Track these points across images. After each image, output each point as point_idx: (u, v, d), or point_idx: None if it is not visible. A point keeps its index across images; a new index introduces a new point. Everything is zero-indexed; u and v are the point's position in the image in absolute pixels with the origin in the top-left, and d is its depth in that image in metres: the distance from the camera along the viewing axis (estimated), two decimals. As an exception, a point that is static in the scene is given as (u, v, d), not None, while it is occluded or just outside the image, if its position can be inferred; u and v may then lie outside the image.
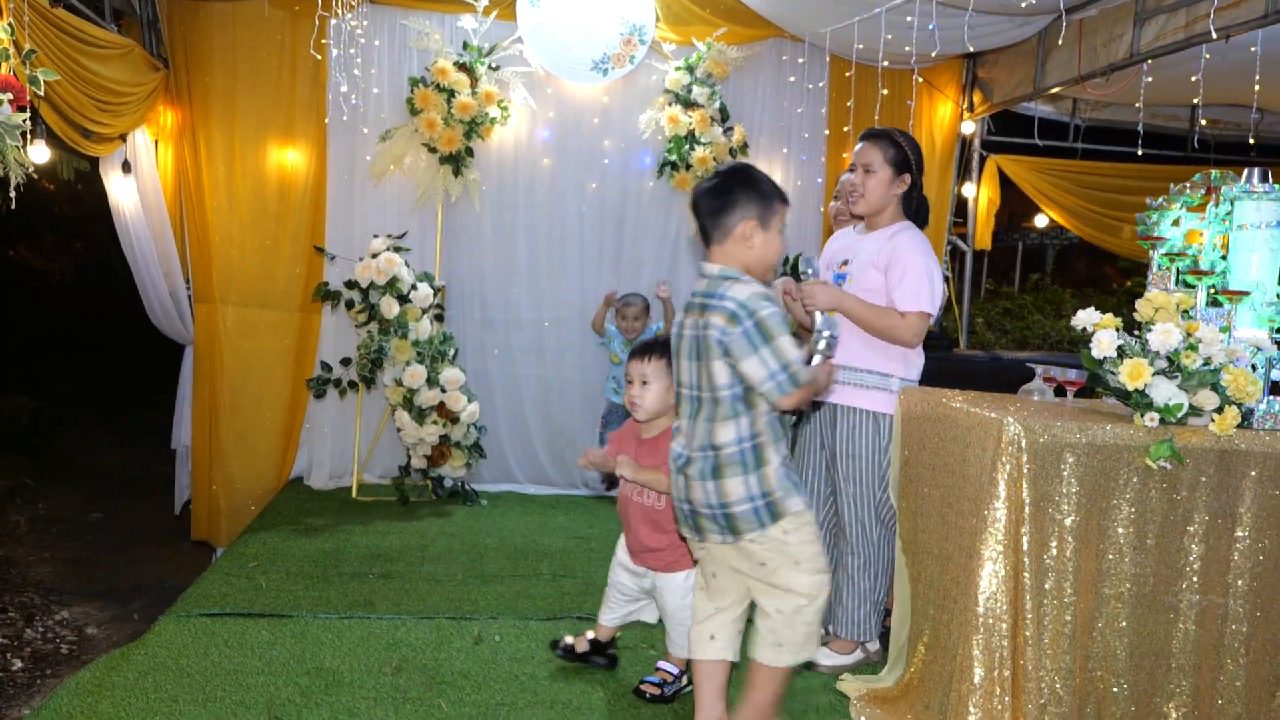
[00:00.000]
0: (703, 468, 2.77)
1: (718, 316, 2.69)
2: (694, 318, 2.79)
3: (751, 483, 2.74)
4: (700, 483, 2.78)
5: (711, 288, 2.77)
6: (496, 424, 6.20)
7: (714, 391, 2.74)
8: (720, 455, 2.75)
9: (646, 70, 6.12)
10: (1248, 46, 5.09)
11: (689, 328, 2.81)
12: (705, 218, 2.85)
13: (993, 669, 2.78)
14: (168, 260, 5.58)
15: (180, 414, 6.04)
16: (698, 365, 2.77)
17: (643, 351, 3.30)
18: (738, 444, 2.74)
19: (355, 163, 5.93)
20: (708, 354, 2.73)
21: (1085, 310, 3.03)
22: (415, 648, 3.71)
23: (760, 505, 2.74)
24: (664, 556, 3.32)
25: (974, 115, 6.94)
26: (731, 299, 2.70)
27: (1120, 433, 2.83)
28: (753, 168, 2.90)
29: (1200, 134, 7.44)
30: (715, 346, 2.70)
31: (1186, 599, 2.91)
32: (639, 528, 3.33)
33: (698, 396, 2.80)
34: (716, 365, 2.72)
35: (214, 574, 4.43)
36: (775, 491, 2.75)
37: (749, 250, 2.80)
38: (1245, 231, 3.17)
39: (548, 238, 6.20)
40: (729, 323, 2.67)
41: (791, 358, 2.66)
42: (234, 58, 5.68)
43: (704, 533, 2.84)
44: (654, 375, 3.26)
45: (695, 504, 2.81)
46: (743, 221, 2.79)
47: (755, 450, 2.74)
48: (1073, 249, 16.66)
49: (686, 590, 3.30)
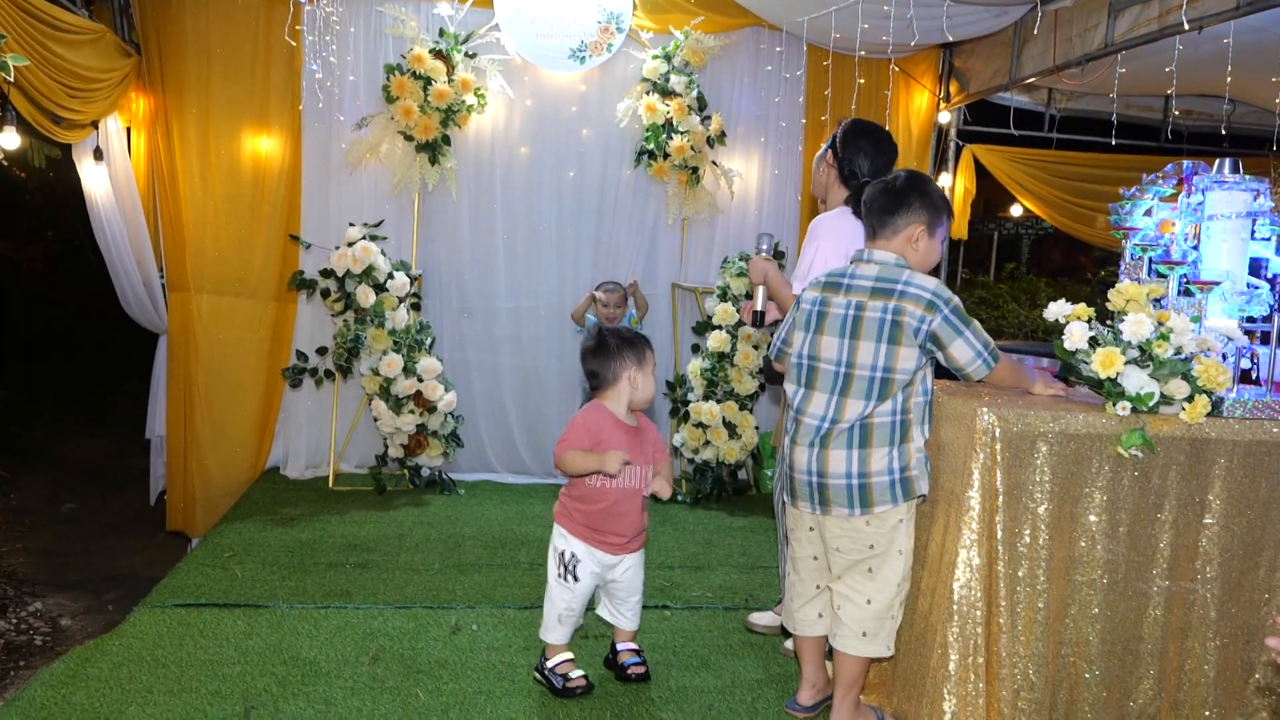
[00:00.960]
0: (849, 437, 2.89)
1: (913, 304, 2.83)
2: (852, 298, 2.93)
3: (894, 455, 2.89)
4: (843, 451, 2.90)
5: (888, 274, 2.92)
6: (474, 413, 6.19)
7: (891, 374, 2.85)
8: (872, 425, 2.87)
9: (624, 58, 6.11)
10: (1220, 38, 5.12)
11: (839, 306, 2.95)
12: (877, 213, 3.02)
13: (967, 656, 2.80)
14: (141, 248, 5.53)
15: (154, 404, 6.00)
16: (850, 343, 2.91)
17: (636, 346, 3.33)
18: (890, 415, 2.88)
19: (331, 150, 5.89)
20: (899, 340, 2.84)
21: (1057, 302, 3.05)
22: (392, 637, 3.71)
23: (896, 479, 2.89)
24: (643, 534, 3.39)
25: (950, 105, 6.97)
26: (921, 286, 2.86)
27: (1092, 421, 2.85)
28: (930, 179, 3.09)
29: (1174, 124, 7.48)
30: (909, 332, 2.83)
31: (1157, 585, 2.95)
32: (637, 515, 3.32)
33: (846, 373, 2.91)
34: (904, 351, 2.84)
35: (189, 564, 4.42)
36: (912, 469, 2.91)
37: (913, 252, 2.98)
38: (1216, 222, 3.21)
39: (525, 226, 6.19)
40: (928, 310, 2.82)
41: (988, 337, 2.86)
42: (207, 44, 5.62)
43: (829, 505, 2.94)
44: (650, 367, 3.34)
45: (827, 475, 2.92)
46: (913, 225, 2.98)
47: (904, 425, 2.90)
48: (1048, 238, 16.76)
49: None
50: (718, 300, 6.00)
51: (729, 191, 6.35)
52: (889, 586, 2.94)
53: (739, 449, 5.88)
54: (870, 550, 2.93)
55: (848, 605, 2.98)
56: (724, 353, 5.91)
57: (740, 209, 6.47)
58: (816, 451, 2.94)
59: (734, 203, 6.42)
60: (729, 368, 5.91)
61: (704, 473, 5.97)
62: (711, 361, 5.91)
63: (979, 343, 2.84)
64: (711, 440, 5.86)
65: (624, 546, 3.33)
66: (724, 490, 5.99)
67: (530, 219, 6.19)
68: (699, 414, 5.85)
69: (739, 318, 5.88)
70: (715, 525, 5.46)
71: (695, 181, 6.15)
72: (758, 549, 5.05)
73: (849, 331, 2.91)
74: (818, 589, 3.15)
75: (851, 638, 2.97)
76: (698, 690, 3.39)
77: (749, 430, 5.93)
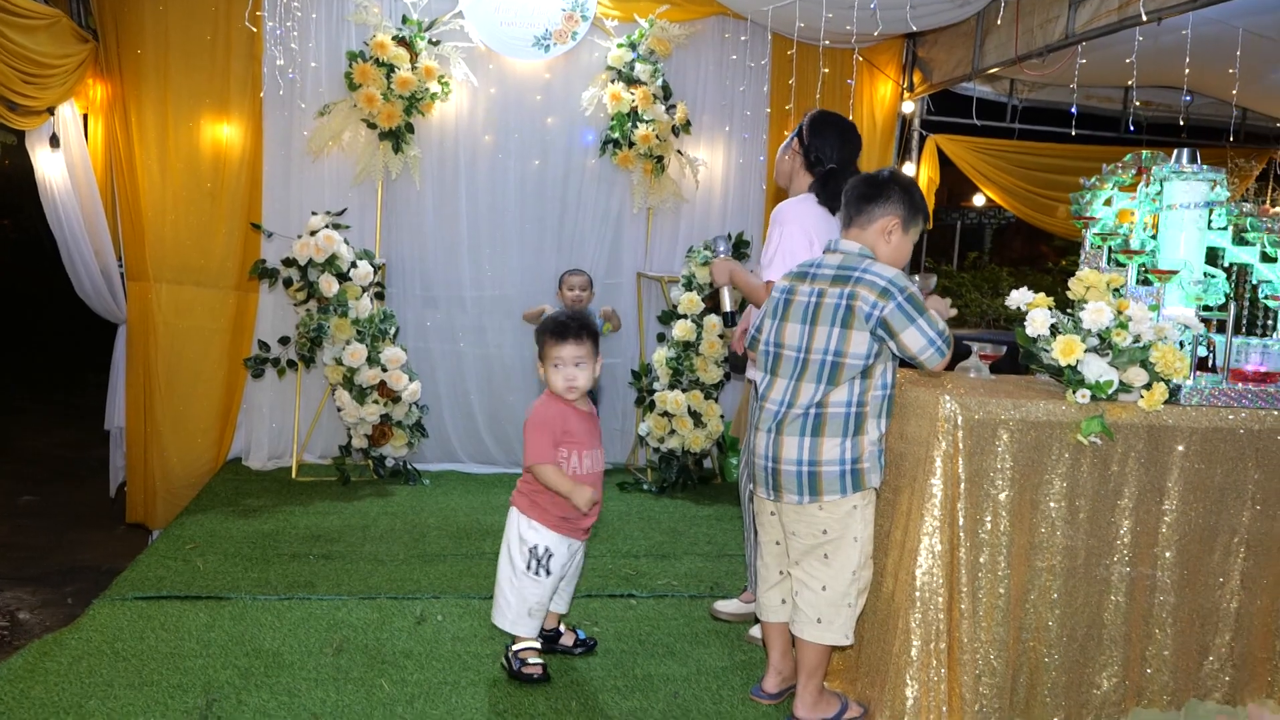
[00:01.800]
0: (803, 424, 2.91)
1: (867, 290, 2.85)
2: (816, 286, 2.96)
3: (846, 446, 2.89)
4: (795, 438, 2.92)
5: (849, 262, 2.95)
6: (439, 403, 6.17)
7: (842, 357, 2.87)
8: (825, 413, 2.89)
9: (589, 47, 6.09)
10: (1179, 29, 5.19)
11: (803, 294, 2.98)
12: (855, 201, 3.05)
13: (929, 641, 2.83)
14: (98, 237, 5.45)
15: (114, 394, 5.92)
16: (809, 329, 2.93)
17: (575, 334, 3.27)
18: (845, 407, 2.89)
19: (292, 138, 5.83)
20: (851, 324, 2.85)
21: (1019, 290, 3.09)
22: (357, 628, 3.69)
23: (848, 470, 2.89)
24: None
25: (914, 95, 7.00)
26: (878, 274, 2.87)
27: (1053, 409, 2.88)
28: (914, 181, 3.13)
29: (1133, 115, 7.58)
30: (860, 317, 2.84)
31: (1116, 571, 2.99)
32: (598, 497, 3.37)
33: (801, 358, 2.93)
34: (856, 335, 2.85)
35: (150, 556, 4.37)
36: (864, 461, 2.91)
37: (885, 245, 3.01)
38: (1174, 211, 3.25)
39: (489, 215, 6.15)
40: (881, 297, 2.82)
41: (943, 326, 2.86)
42: (165, 30, 5.54)
43: (781, 491, 2.97)
44: (587, 357, 3.30)
45: (781, 461, 2.95)
46: (889, 217, 3.00)
47: (859, 418, 2.90)
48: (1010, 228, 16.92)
49: None
50: (683, 289, 6.00)
51: (694, 180, 6.36)
52: (844, 573, 2.96)
53: (704, 438, 5.90)
54: (824, 536, 2.95)
55: (804, 591, 3.01)
56: (689, 342, 5.91)
57: (705, 198, 6.47)
58: (773, 437, 2.97)
59: (699, 191, 6.42)
60: (694, 357, 5.92)
61: (669, 461, 5.98)
62: (677, 350, 5.92)
63: (932, 331, 2.83)
64: (677, 429, 5.87)
65: (586, 530, 3.41)
66: (689, 479, 6.00)
67: (495, 208, 6.16)
68: (664, 403, 5.85)
69: (704, 308, 5.90)
70: (680, 514, 5.47)
71: (660, 170, 6.15)
72: (723, 537, 5.07)
73: (809, 318, 2.95)
74: (781, 574, 3.18)
75: (808, 624, 3.00)
76: (663, 678, 3.40)
77: (714, 419, 5.94)
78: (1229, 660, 3.13)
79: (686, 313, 5.92)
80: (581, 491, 3.24)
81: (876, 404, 2.92)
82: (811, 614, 2.99)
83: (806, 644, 3.02)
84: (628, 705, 3.20)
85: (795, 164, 3.74)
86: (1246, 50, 5.59)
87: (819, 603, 2.98)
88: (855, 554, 2.96)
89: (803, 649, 3.05)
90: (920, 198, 3.08)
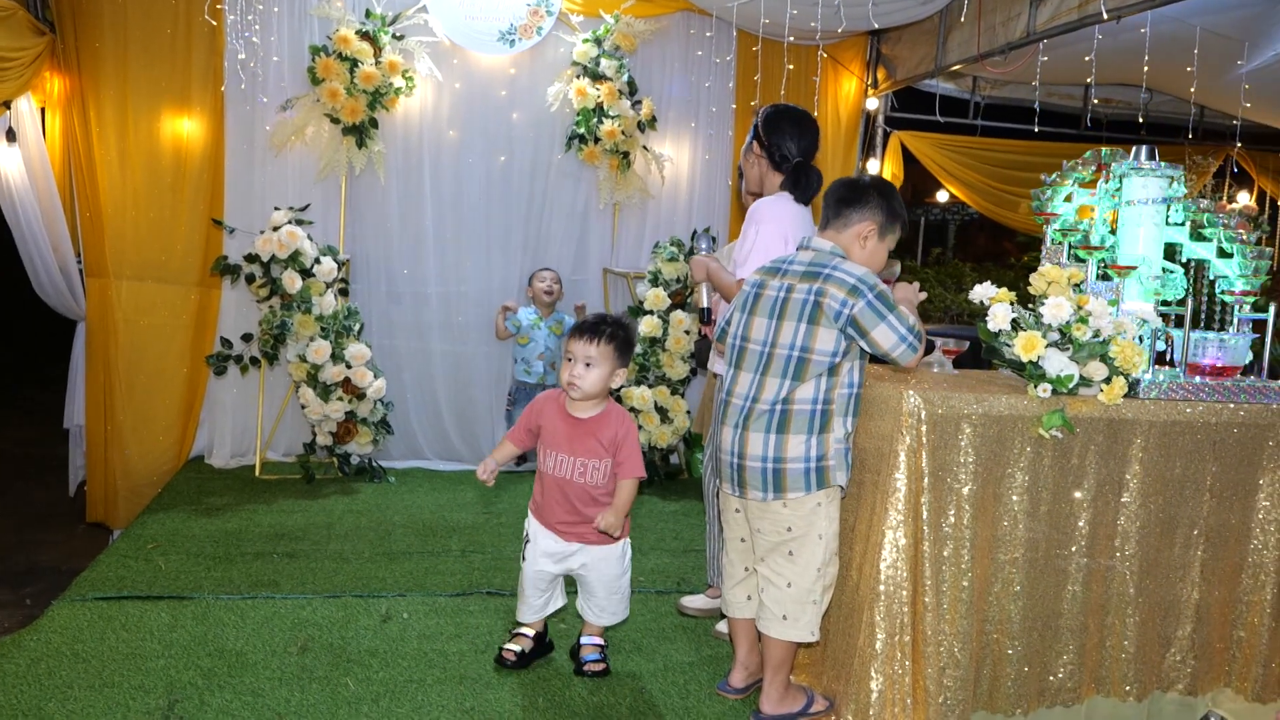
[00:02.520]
0: (768, 420, 2.91)
1: (836, 288, 2.85)
2: (786, 281, 2.97)
3: (812, 444, 2.90)
4: (760, 434, 2.92)
5: (820, 259, 2.97)
6: (404, 400, 6.13)
7: (808, 353, 2.88)
8: (791, 410, 2.90)
9: (554, 42, 6.07)
10: (1138, 27, 5.25)
11: (773, 289, 2.99)
12: (834, 203, 3.07)
13: (894, 634, 2.85)
14: (56, 233, 5.37)
15: (73, 392, 5.84)
16: (775, 324, 2.94)
17: (591, 332, 3.20)
18: (811, 404, 2.89)
19: (255, 133, 5.77)
20: (818, 320, 2.86)
21: (981, 285, 3.11)
22: (321, 627, 3.67)
23: (812, 467, 2.90)
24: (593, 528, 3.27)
25: (878, 92, 7.04)
26: (849, 272, 2.88)
27: (1015, 403, 2.91)
28: (895, 190, 3.13)
29: (1093, 113, 7.66)
30: (829, 314, 2.85)
31: (1076, 563, 3.02)
32: (580, 505, 3.26)
33: (768, 353, 2.94)
34: (823, 332, 2.86)
35: (111, 556, 4.32)
36: (829, 459, 2.92)
37: (859, 249, 3.04)
38: (1133, 207, 3.29)
39: (455, 211, 6.12)
40: (850, 295, 2.83)
41: (914, 321, 2.88)
42: (125, 23, 5.45)
43: (746, 487, 2.98)
44: (599, 359, 3.18)
45: (746, 457, 2.95)
46: (866, 222, 3.04)
47: (825, 416, 2.91)
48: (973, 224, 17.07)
49: (623, 559, 3.36)
50: (649, 285, 6.00)
51: (660, 176, 6.36)
52: (808, 570, 2.97)
53: (670, 433, 5.91)
54: (789, 533, 2.96)
55: (769, 588, 3.02)
56: (656, 337, 5.92)
57: (671, 194, 6.47)
58: (739, 433, 2.98)
59: (665, 187, 6.43)
60: (660, 352, 5.92)
61: (636, 457, 5.97)
62: (643, 346, 5.92)
63: (903, 327, 2.84)
64: (643, 425, 5.88)
65: (568, 533, 3.30)
66: (656, 475, 6.01)
67: (460, 203, 6.13)
68: (630, 399, 5.85)
69: (670, 303, 5.90)
70: (647, 509, 5.48)
71: (626, 166, 6.14)
72: (689, 533, 5.08)
73: (776, 312, 2.96)
74: (746, 571, 3.19)
75: (773, 620, 3.01)
76: (630, 674, 3.41)
77: (680, 414, 5.95)
78: (1190, 651, 3.17)
79: (652, 309, 5.92)
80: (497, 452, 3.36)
81: (843, 402, 2.93)
82: (777, 611, 3.00)
83: (772, 640, 3.03)
84: (595, 701, 3.20)
85: (762, 167, 3.74)
86: (1204, 48, 5.66)
87: (784, 599, 2.99)
88: (820, 551, 2.97)
89: (769, 645, 3.06)
90: (899, 206, 3.11)
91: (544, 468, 3.31)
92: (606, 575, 3.34)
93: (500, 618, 3.82)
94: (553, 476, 3.29)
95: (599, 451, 3.23)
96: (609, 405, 3.30)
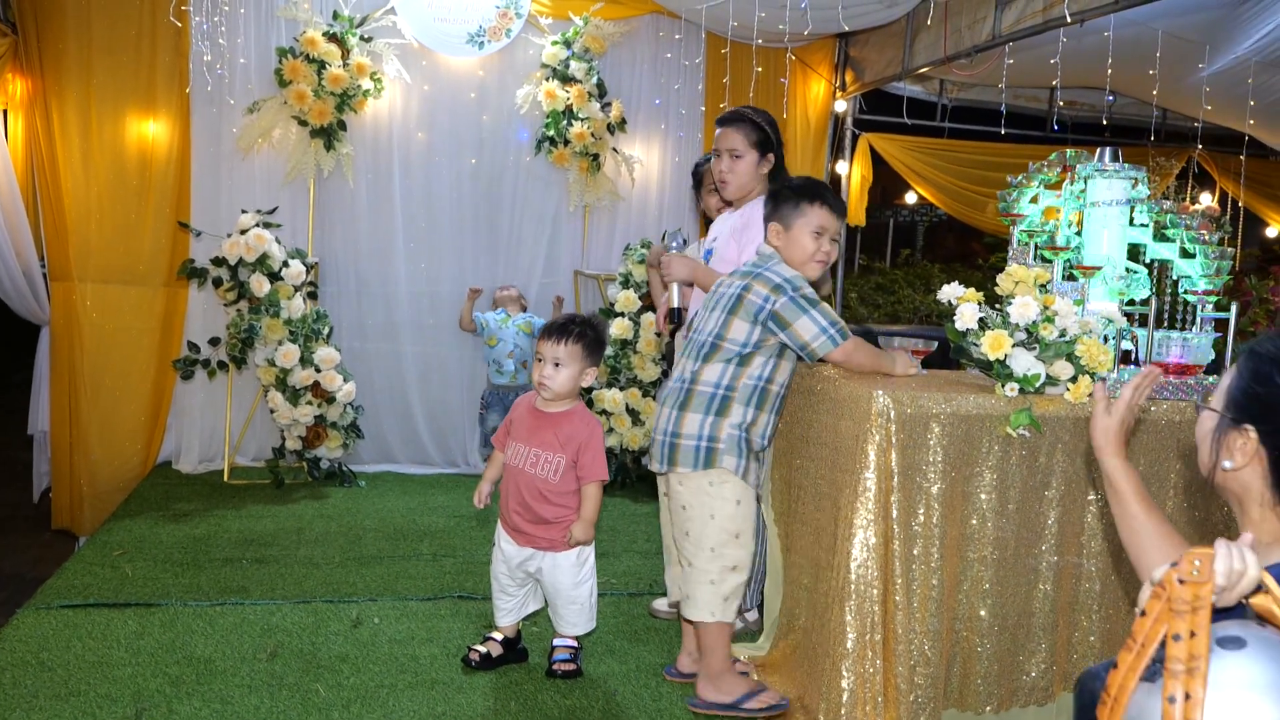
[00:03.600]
0: (675, 397, 3.07)
1: (762, 285, 3.00)
2: (739, 281, 3.09)
3: (705, 424, 3.02)
4: (667, 409, 3.09)
5: (759, 261, 3.15)
6: (375, 403, 6.10)
7: (720, 340, 3.02)
8: (694, 390, 3.04)
9: (523, 44, 6.07)
10: (1101, 31, 5.31)
11: (726, 286, 3.13)
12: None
13: (864, 634, 2.86)
14: (19, 236, 5.30)
15: (37, 397, 5.76)
16: (707, 314, 3.14)
17: (559, 332, 3.22)
18: (713, 387, 3.02)
19: (221, 135, 5.73)
20: (737, 312, 3.02)
21: (949, 285, 3.13)
22: (291, 633, 3.64)
23: (702, 446, 3.01)
24: (553, 531, 3.27)
25: (846, 94, 7.08)
26: (776, 272, 3.06)
27: (983, 403, 2.94)
28: (806, 181, 3.27)
29: (1058, 115, 7.74)
30: (749, 308, 3.00)
31: (1045, 560, 3.05)
32: (530, 500, 3.26)
33: (696, 339, 3.12)
34: (738, 323, 3.00)
35: (76, 563, 4.27)
36: (720, 443, 3.01)
37: (779, 243, 3.17)
38: (1098, 209, 3.32)
39: (424, 213, 6.10)
40: (774, 292, 2.99)
41: (837, 318, 3.01)
42: (88, 24, 5.40)
43: (652, 459, 3.15)
44: (567, 359, 3.21)
45: (655, 430, 3.14)
46: (770, 222, 3.20)
47: (724, 400, 3.03)
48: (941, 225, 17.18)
49: (579, 568, 3.32)
50: (620, 287, 6.00)
51: (630, 178, 6.37)
52: (702, 549, 3.06)
53: (642, 435, 5.91)
54: (684, 511, 3.09)
55: (676, 567, 3.23)
56: (627, 339, 5.92)
57: (641, 196, 6.48)
58: (660, 409, 3.18)
59: (635, 190, 6.44)
60: (632, 354, 5.93)
61: (608, 459, 5.96)
62: (614, 348, 5.92)
63: (825, 320, 2.99)
64: (615, 427, 5.88)
65: (524, 535, 3.29)
66: (628, 477, 6.01)
67: (430, 206, 6.11)
68: (602, 401, 5.85)
69: (641, 305, 5.91)
70: (619, 512, 5.48)
71: (596, 168, 6.15)
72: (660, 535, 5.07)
73: (710, 305, 3.15)
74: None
75: (685, 601, 3.14)
76: (602, 676, 3.40)
77: (652, 417, 5.95)
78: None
79: (624, 311, 5.92)
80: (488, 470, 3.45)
81: (746, 391, 3.04)
82: (685, 590, 3.12)
83: (692, 623, 3.16)
84: (567, 704, 3.19)
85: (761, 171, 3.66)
86: (1166, 52, 5.74)
87: (687, 579, 3.11)
88: (713, 531, 3.05)
89: (697, 628, 3.15)
90: (798, 191, 3.17)
91: (505, 460, 3.36)
92: (562, 584, 3.31)
93: (472, 621, 3.81)
94: (510, 466, 3.33)
95: (554, 445, 3.25)
96: (577, 405, 3.33)
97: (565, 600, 3.33)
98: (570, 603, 3.34)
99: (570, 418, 3.29)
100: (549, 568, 3.31)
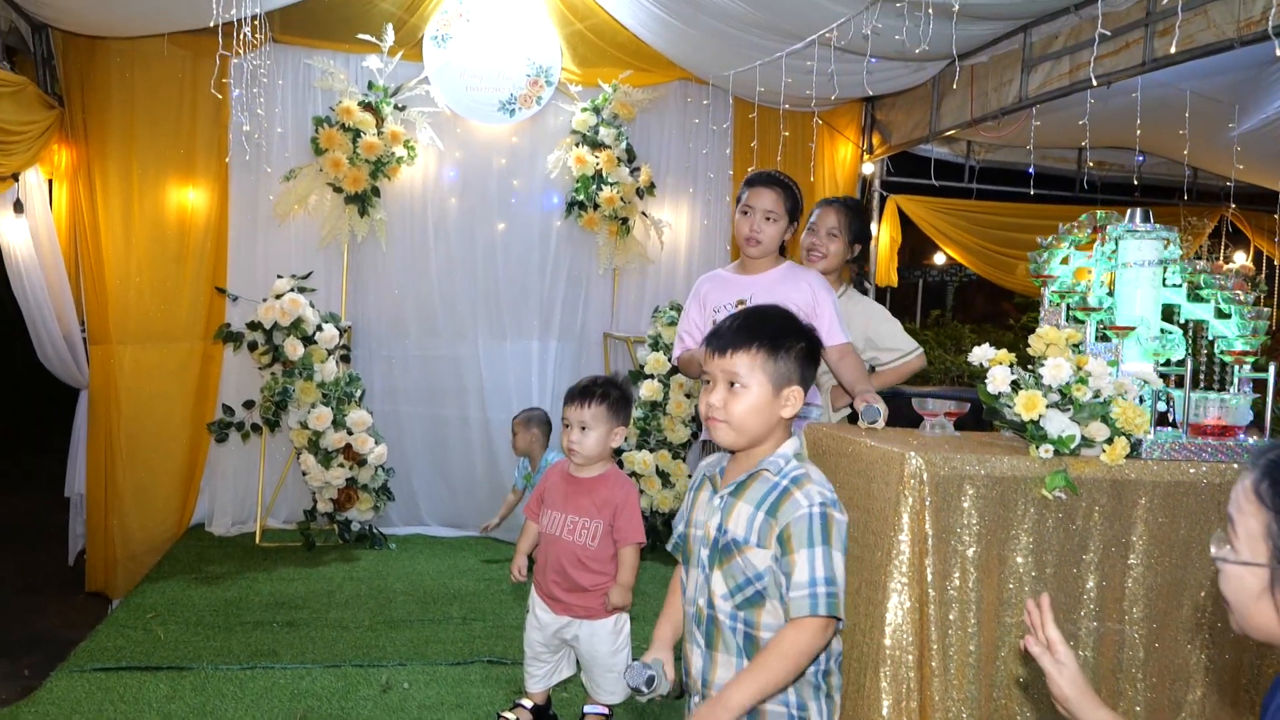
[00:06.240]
0: None
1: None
2: None
3: None
4: None
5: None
6: (405, 466, 6.12)
7: None
8: None
9: (553, 111, 6.17)
10: (1129, 92, 5.33)
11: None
12: None
13: (900, 700, 2.81)
14: (61, 301, 5.41)
15: (74, 460, 5.83)
16: None
17: (582, 396, 3.20)
18: None
19: (258, 202, 5.84)
20: None
21: (980, 347, 3.12)
22: (321, 697, 3.63)
23: None
24: (591, 599, 3.22)
25: (873, 157, 7.12)
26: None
27: (1017, 464, 2.90)
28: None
29: (1088, 175, 7.74)
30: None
31: (1085, 626, 2.99)
32: (568, 568, 3.21)
33: None
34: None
35: (109, 626, 4.28)
36: None
37: None
38: (1130, 269, 3.31)
39: (456, 277, 6.17)
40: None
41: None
42: (132, 96, 5.56)
43: None
44: (594, 421, 3.18)
45: None
46: None
47: None
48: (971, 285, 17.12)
49: (615, 635, 3.27)
50: (649, 349, 6.02)
51: (659, 242, 6.41)
52: None
53: (672, 498, 5.88)
54: None
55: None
56: (656, 401, 5.92)
57: (670, 259, 6.53)
58: None
59: (664, 253, 6.48)
60: (662, 416, 5.92)
61: (638, 522, 5.94)
62: (644, 410, 5.92)
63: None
64: (645, 489, 5.85)
65: (561, 603, 3.24)
66: (658, 540, 5.96)
67: (462, 270, 6.18)
68: (632, 463, 5.84)
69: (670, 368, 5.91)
70: (648, 576, 5.43)
71: (626, 232, 6.20)
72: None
73: None
74: None
75: None
76: (634, 743, 3.36)
77: (682, 479, 5.93)
78: (1201, 716, 3.13)
79: (653, 373, 5.93)
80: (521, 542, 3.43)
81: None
82: None
83: None
84: (598, 771, 3.15)
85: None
86: (1195, 112, 5.74)
87: None
88: None
89: None
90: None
91: (541, 528, 3.31)
92: (599, 652, 3.26)
93: (502, 687, 3.77)
94: (545, 534, 3.28)
95: (591, 511, 3.20)
96: (610, 469, 3.29)
97: (602, 669, 3.28)
98: (607, 671, 3.27)
99: (605, 481, 3.25)
100: (586, 636, 3.25)
